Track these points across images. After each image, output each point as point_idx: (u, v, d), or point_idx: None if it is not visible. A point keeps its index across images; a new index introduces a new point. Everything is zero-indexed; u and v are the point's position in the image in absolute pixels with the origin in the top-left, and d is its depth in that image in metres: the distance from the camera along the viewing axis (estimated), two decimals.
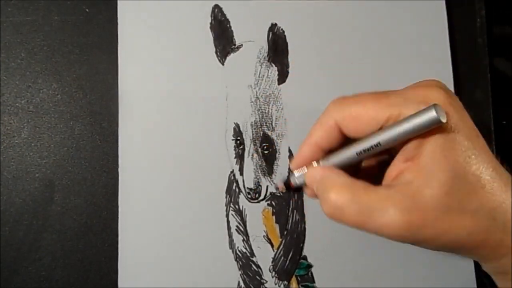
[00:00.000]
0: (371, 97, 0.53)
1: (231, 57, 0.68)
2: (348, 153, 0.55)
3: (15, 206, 0.66)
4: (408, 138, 0.50)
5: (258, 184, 0.67)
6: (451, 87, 0.68)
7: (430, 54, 0.70)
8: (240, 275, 0.65)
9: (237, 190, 0.67)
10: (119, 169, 0.66)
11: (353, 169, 0.57)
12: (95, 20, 0.69)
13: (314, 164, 0.58)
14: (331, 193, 0.52)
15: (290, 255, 0.66)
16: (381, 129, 0.52)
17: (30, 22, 0.69)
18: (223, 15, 0.69)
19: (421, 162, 0.50)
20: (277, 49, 0.69)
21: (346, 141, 0.56)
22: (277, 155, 0.67)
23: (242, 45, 0.69)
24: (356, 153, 0.54)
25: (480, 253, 0.53)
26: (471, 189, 0.50)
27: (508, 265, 0.52)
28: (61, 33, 0.69)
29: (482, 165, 0.50)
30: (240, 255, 0.66)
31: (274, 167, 0.67)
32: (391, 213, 0.49)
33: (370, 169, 0.60)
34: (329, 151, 0.57)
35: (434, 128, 0.49)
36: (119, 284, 0.64)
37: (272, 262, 0.66)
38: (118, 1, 0.68)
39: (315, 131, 0.57)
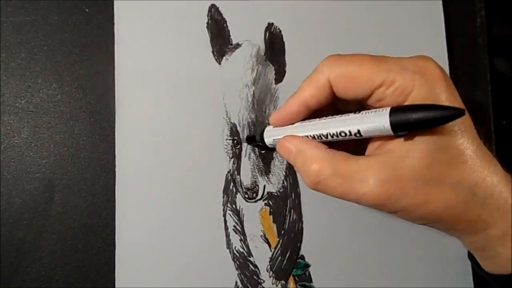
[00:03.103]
0: (368, 58, 0.53)
1: (228, 57, 0.68)
2: (325, 131, 0.55)
3: (15, 206, 0.66)
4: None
5: (255, 184, 0.66)
6: None
7: (428, 54, 0.70)
8: (238, 275, 0.65)
9: (234, 189, 0.67)
10: (116, 170, 0.66)
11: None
12: (95, 20, 0.69)
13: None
14: (312, 166, 0.53)
15: (288, 254, 0.66)
16: (365, 109, 0.52)
17: (30, 22, 0.69)
18: (220, 14, 0.69)
19: None
20: (274, 48, 0.69)
21: (333, 102, 0.57)
22: (274, 155, 0.68)
23: (239, 44, 0.69)
24: (333, 135, 0.54)
25: (458, 228, 0.54)
26: (452, 163, 0.50)
27: (484, 240, 0.54)
28: (61, 33, 0.69)
29: (467, 141, 0.51)
30: (237, 255, 0.66)
31: (271, 166, 0.67)
32: (371, 183, 0.50)
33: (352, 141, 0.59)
34: (315, 113, 0.58)
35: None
36: (116, 284, 0.64)
37: (269, 261, 0.66)
38: (115, 2, 0.68)
39: (305, 88, 0.57)
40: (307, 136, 0.57)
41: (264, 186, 0.67)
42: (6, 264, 0.65)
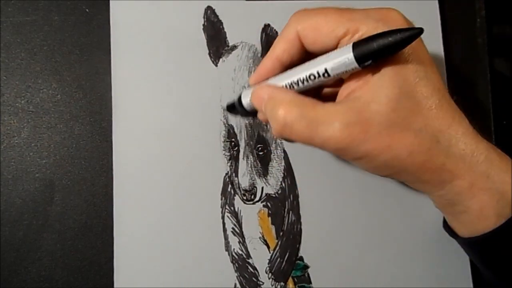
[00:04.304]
0: (333, 10, 0.54)
1: (224, 59, 0.68)
2: (294, 77, 0.55)
3: (15, 206, 0.66)
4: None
5: (253, 186, 0.66)
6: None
7: None
8: (237, 277, 0.65)
9: (232, 191, 0.67)
10: (113, 172, 0.66)
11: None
12: (95, 20, 0.69)
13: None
14: (280, 110, 0.53)
15: (287, 256, 0.66)
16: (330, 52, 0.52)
17: (30, 22, 0.69)
18: (216, 16, 0.69)
19: (371, 80, 0.51)
20: None
21: (305, 56, 0.57)
22: (271, 156, 0.67)
23: (235, 46, 0.69)
24: (300, 80, 0.55)
25: (423, 178, 0.54)
26: (418, 109, 0.51)
27: (452, 193, 0.54)
28: (61, 33, 0.69)
29: (433, 89, 0.52)
30: (236, 257, 0.66)
31: (269, 168, 0.67)
32: (336, 126, 0.50)
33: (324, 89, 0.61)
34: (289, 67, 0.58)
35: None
36: (115, 285, 0.64)
37: (268, 263, 0.66)
38: (110, 2, 0.69)
39: (276, 44, 0.59)
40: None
41: (262, 187, 0.67)
42: (6, 264, 0.65)
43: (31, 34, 0.69)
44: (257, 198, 0.67)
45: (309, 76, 0.53)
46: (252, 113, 0.62)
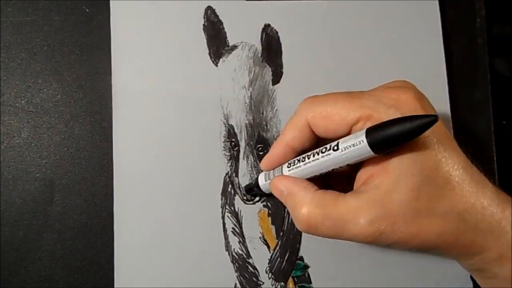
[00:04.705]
0: (342, 96, 0.54)
1: (224, 59, 0.68)
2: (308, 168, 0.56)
3: (15, 206, 0.66)
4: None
5: None
6: (444, 88, 0.68)
7: (425, 55, 0.70)
8: (237, 277, 0.65)
9: (232, 191, 0.66)
10: (114, 172, 0.66)
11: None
12: (95, 20, 0.69)
13: (285, 168, 0.59)
14: (301, 210, 0.54)
15: (287, 256, 0.66)
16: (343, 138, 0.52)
17: (30, 22, 0.69)
18: (216, 16, 0.69)
19: (390, 167, 0.51)
20: (271, 49, 0.69)
21: (319, 141, 0.57)
22: None
23: (235, 46, 0.69)
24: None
25: (452, 253, 0.54)
26: (440, 193, 0.50)
27: (481, 263, 0.54)
28: (61, 33, 0.69)
29: (452, 167, 0.51)
30: (236, 257, 0.66)
31: None
32: (362, 223, 0.50)
33: (341, 172, 0.60)
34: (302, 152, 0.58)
35: None
36: (115, 285, 0.64)
37: (268, 263, 0.66)
38: (111, 2, 0.69)
39: (286, 131, 0.59)
40: (294, 162, 0.58)
41: None
42: (6, 264, 0.65)
43: (31, 34, 0.69)
44: (257, 198, 0.67)
45: (321, 150, 0.54)
46: (271, 194, 0.63)
